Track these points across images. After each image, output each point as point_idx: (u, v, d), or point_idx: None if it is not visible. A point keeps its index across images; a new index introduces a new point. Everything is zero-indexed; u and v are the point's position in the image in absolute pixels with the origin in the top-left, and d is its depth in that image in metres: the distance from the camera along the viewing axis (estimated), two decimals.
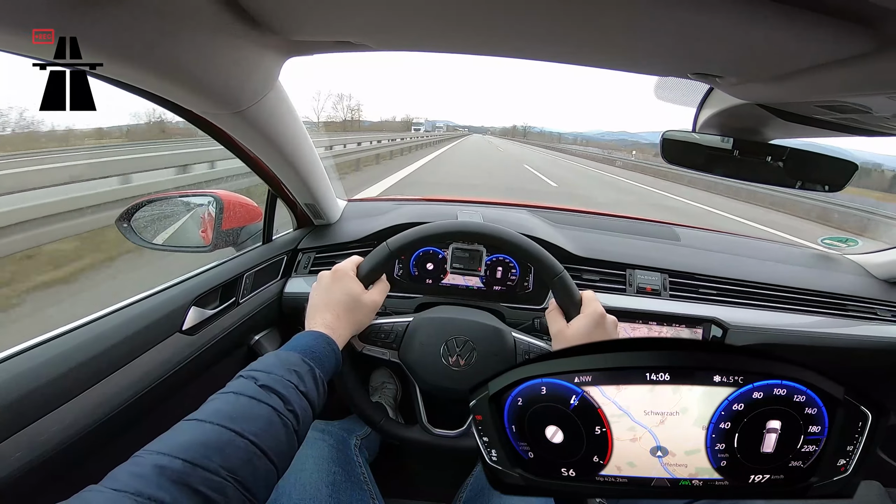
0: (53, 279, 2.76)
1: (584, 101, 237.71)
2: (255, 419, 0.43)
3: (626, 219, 1.35)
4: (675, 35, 0.45)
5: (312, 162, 0.93)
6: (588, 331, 0.64)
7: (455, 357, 0.73)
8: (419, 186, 8.85)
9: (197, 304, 0.77)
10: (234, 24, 0.49)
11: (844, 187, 0.74)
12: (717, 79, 0.55)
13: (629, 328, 1.01)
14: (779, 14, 0.38)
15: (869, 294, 1.11)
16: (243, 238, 1.03)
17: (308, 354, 0.54)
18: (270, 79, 0.66)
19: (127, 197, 3.51)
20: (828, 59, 0.44)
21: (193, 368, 0.75)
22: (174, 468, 0.35)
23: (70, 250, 3.11)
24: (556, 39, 0.48)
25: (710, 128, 0.77)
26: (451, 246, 1.02)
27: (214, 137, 0.74)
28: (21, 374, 0.51)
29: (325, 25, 0.51)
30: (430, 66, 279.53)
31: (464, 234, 0.74)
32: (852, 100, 0.53)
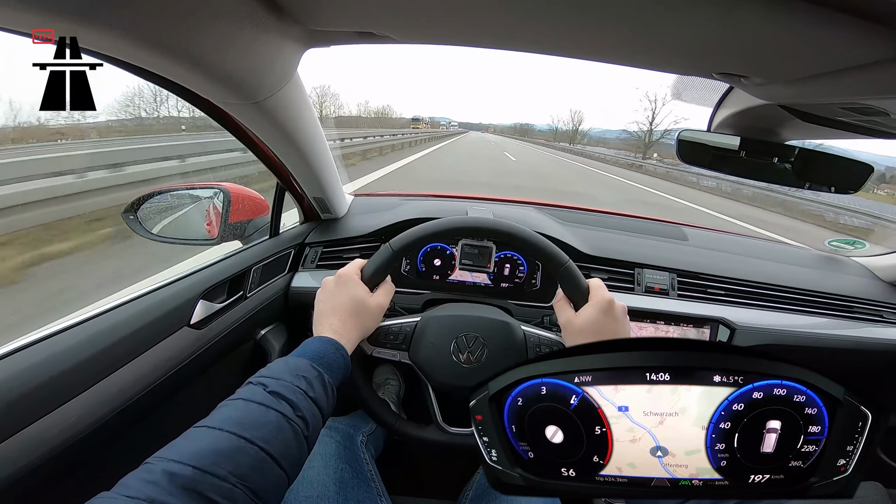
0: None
1: (584, 98, 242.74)
2: (264, 425, 0.43)
3: (635, 218, 1.35)
4: (705, 34, 0.44)
5: (324, 155, 0.92)
6: (597, 318, 0.63)
7: (466, 354, 0.73)
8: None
9: (205, 298, 0.76)
10: (257, 13, 0.48)
11: (859, 189, 0.74)
12: (742, 79, 0.54)
13: (636, 327, 1.01)
14: (809, 15, 0.38)
15: (875, 296, 1.11)
16: (250, 231, 1.02)
17: (317, 360, 0.54)
18: (289, 70, 0.65)
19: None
20: (856, 62, 0.44)
21: (201, 363, 0.74)
22: (185, 475, 0.35)
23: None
24: (585, 36, 0.48)
25: (726, 127, 0.77)
26: (460, 242, 1.01)
27: (228, 128, 0.73)
28: (27, 369, 0.50)
29: (348, 14, 0.50)
30: (426, 60, 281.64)
31: (466, 230, 0.73)
32: (877, 102, 0.52)
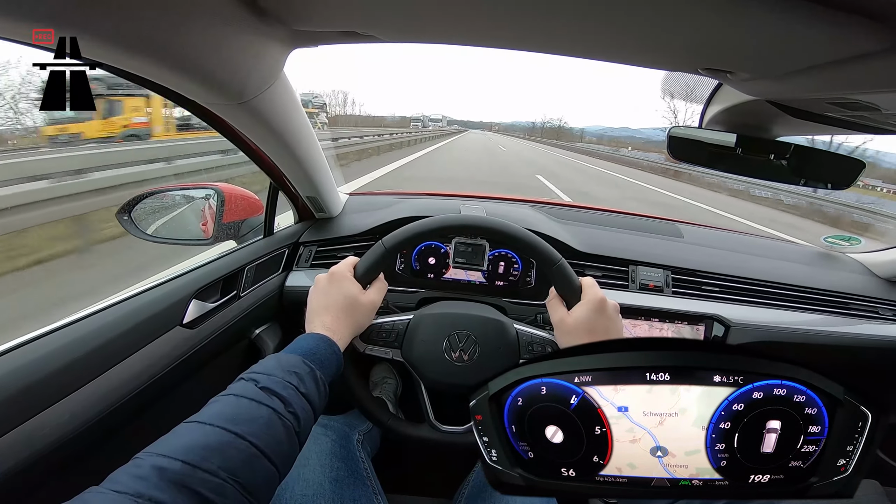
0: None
1: (584, 95, 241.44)
2: (255, 421, 0.43)
3: (629, 215, 1.35)
4: (689, 30, 0.44)
5: (315, 154, 0.92)
6: (589, 317, 0.63)
7: (458, 352, 0.73)
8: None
9: (198, 298, 0.77)
10: (240, 14, 0.48)
11: (851, 186, 0.74)
12: (728, 74, 0.54)
13: (630, 325, 1.01)
14: (793, 9, 0.38)
15: (871, 293, 1.11)
16: (244, 231, 1.02)
17: (309, 356, 0.54)
18: (275, 70, 0.65)
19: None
20: (842, 56, 0.44)
21: (194, 362, 0.74)
22: (174, 469, 0.35)
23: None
24: (569, 33, 0.48)
25: (717, 124, 0.76)
26: (453, 240, 1.02)
27: (218, 129, 0.73)
28: (20, 368, 0.50)
29: (332, 15, 0.50)
30: (422, 57, 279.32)
31: (458, 228, 0.74)
32: (864, 97, 0.52)
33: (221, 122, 0.71)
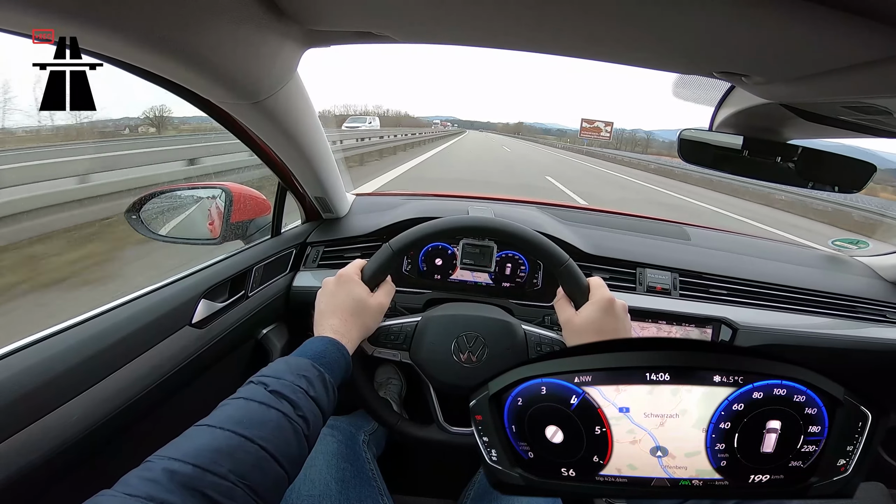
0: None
1: (596, 97, 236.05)
2: (264, 424, 0.43)
3: (637, 217, 1.34)
4: (705, 33, 0.44)
5: (325, 155, 0.92)
6: (597, 317, 0.63)
7: (466, 354, 0.73)
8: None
9: (207, 297, 0.77)
10: (256, 13, 0.48)
11: (862, 189, 0.74)
12: (743, 78, 0.54)
13: (638, 327, 1.01)
14: (810, 14, 0.38)
15: (878, 296, 1.10)
16: (252, 231, 1.02)
17: (318, 360, 0.54)
18: (289, 69, 0.65)
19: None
20: (858, 61, 0.44)
21: (203, 362, 0.74)
22: (184, 473, 0.35)
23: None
24: (585, 35, 0.48)
25: (728, 127, 0.76)
26: (461, 242, 1.01)
27: (229, 129, 0.73)
28: (28, 368, 0.50)
29: (348, 14, 0.50)
30: (424, 58, 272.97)
31: (466, 230, 0.74)
32: (879, 101, 0.52)
33: (233, 121, 0.71)
